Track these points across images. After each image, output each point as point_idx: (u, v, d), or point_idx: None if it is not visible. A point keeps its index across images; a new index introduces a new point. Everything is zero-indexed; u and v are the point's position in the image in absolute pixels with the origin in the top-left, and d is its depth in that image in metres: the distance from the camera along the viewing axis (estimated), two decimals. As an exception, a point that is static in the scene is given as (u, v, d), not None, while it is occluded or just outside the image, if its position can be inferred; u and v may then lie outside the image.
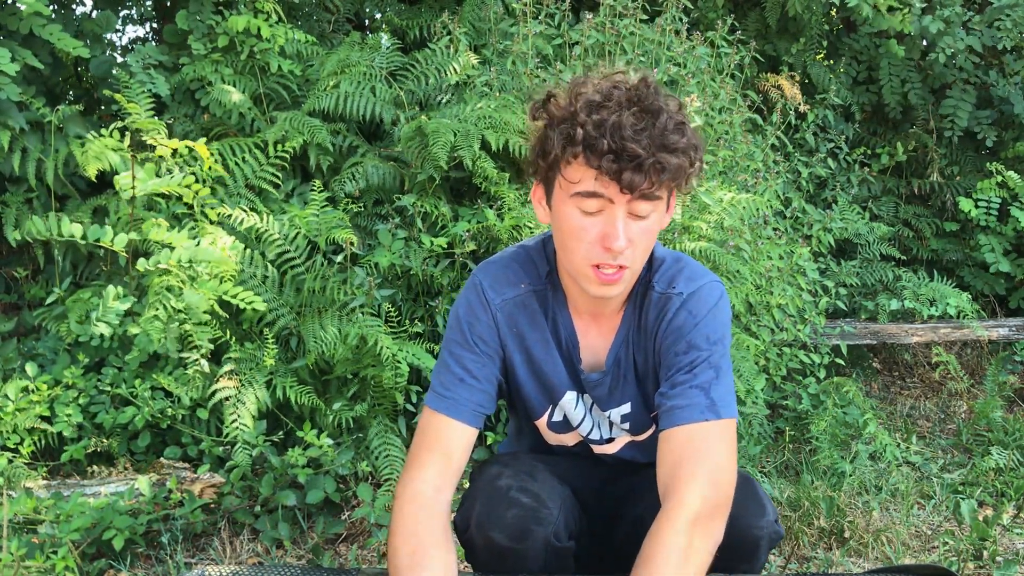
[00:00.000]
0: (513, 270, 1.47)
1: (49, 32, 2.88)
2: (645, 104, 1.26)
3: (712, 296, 1.41)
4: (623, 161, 1.22)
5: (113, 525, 2.22)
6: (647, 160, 1.22)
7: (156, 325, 2.43)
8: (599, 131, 1.23)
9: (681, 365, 1.37)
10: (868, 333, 3.73)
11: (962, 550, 2.38)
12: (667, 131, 1.25)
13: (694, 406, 1.33)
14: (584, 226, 1.29)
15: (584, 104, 1.27)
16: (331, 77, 3.14)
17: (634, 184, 1.24)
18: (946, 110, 4.20)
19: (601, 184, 1.26)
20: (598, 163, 1.23)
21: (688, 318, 1.38)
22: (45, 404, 2.54)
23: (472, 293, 1.47)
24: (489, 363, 1.45)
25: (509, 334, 1.46)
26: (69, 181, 3.01)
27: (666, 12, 3.30)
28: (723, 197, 2.80)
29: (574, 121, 1.26)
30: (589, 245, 1.30)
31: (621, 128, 1.22)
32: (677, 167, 1.25)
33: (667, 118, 1.25)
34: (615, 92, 1.27)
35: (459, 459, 1.41)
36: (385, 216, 2.98)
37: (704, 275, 1.44)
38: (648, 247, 1.33)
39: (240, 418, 2.53)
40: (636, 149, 1.22)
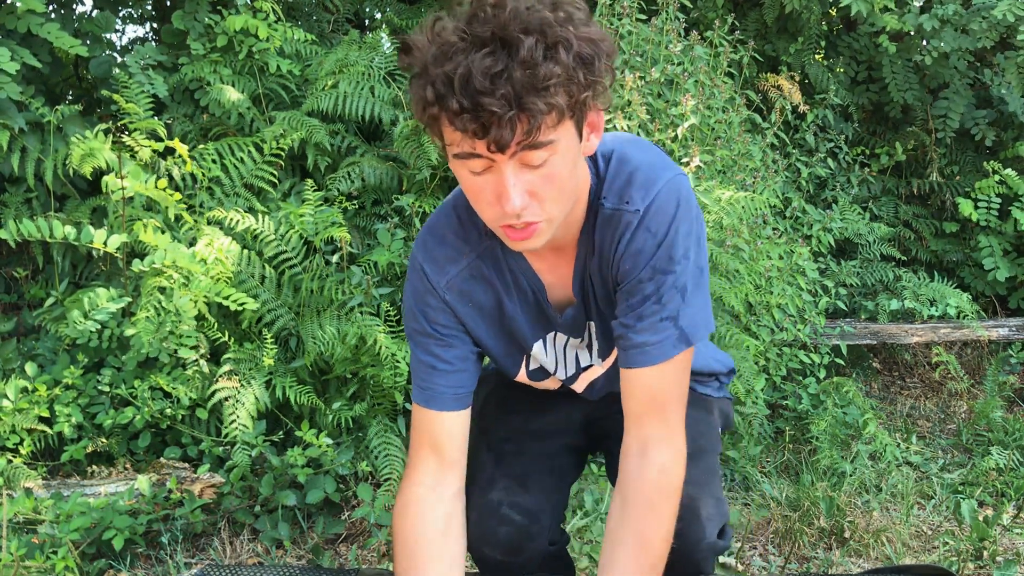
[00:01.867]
0: (450, 243, 1.32)
1: (47, 31, 2.88)
2: (504, 34, 1.02)
3: (671, 202, 1.21)
4: (482, 118, 1.02)
5: (113, 525, 2.22)
6: (507, 113, 1.01)
7: (147, 327, 2.43)
8: (448, 87, 1.02)
9: (647, 293, 1.23)
10: (868, 333, 3.73)
11: (962, 550, 2.38)
12: (535, 61, 1.01)
13: (665, 342, 1.24)
14: (478, 186, 1.12)
15: (433, 53, 1.05)
16: (329, 77, 3.13)
17: (503, 140, 1.04)
18: (939, 110, 4.20)
19: (472, 145, 1.07)
20: (458, 125, 1.04)
21: (648, 239, 1.21)
22: (45, 404, 2.54)
23: (416, 279, 1.34)
24: (456, 342, 1.36)
25: (465, 309, 1.35)
26: (68, 181, 3.01)
27: (663, 11, 3.30)
28: (721, 196, 2.79)
29: (426, 74, 1.05)
30: (489, 206, 1.13)
31: (470, 79, 1.01)
32: (553, 105, 1.03)
33: (532, 44, 1.01)
34: (471, 26, 1.04)
35: (452, 447, 1.36)
36: (384, 216, 2.98)
37: (659, 174, 1.22)
38: (562, 191, 1.13)
39: (239, 418, 2.53)
40: (490, 103, 1.00)
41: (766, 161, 3.51)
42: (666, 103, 3.15)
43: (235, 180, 2.99)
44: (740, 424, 3.00)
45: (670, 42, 3.23)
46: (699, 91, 3.13)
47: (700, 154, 2.84)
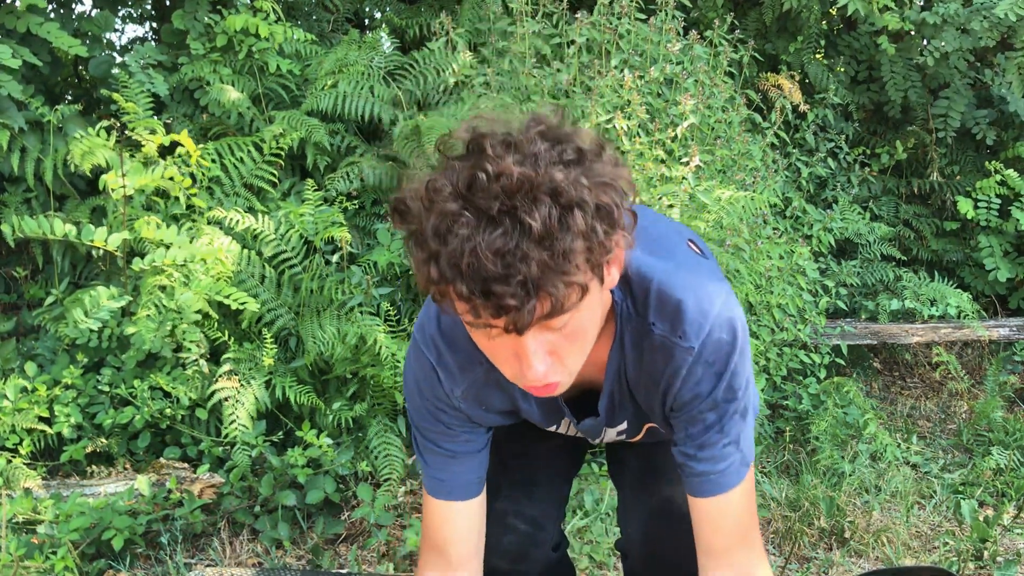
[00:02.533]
0: (462, 348, 1.20)
1: (47, 31, 2.88)
2: (512, 205, 0.90)
3: (726, 333, 1.15)
4: (496, 307, 0.92)
5: (112, 525, 2.22)
6: (526, 305, 0.91)
7: (149, 325, 2.43)
8: (455, 270, 0.91)
9: (710, 423, 1.19)
10: (868, 333, 3.72)
11: (962, 550, 2.37)
12: (550, 238, 0.89)
13: (730, 469, 1.21)
14: (494, 346, 1.03)
15: (433, 225, 0.93)
16: (328, 76, 3.13)
17: (521, 324, 0.94)
18: (939, 110, 4.20)
19: (487, 319, 0.95)
20: (471, 307, 0.93)
21: (709, 374, 1.16)
22: (44, 404, 2.53)
23: (426, 380, 1.25)
24: (468, 436, 1.30)
25: (478, 412, 1.28)
26: (68, 181, 3.01)
27: (661, 11, 3.30)
28: (721, 196, 2.79)
29: (427, 248, 0.93)
30: (507, 364, 1.04)
31: (480, 265, 0.89)
32: (575, 282, 0.93)
33: (546, 215, 0.89)
34: (474, 195, 0.92)
35: (460, 544, 1.32)
36: (384, 216, 2.97)
37: (710, 302, 1.15)
38: (584, 343, 1.05)
39: (239, 418, 2.53)
40: (505, 293, 0.90)
41: (766, 161, 3.51)
42: (665, 103, 3.15)
43: (235, 180, 2.99)
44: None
45: (669, 41, 3.23)
46: (699, 90, 3.13)
47: (700, 154, 2.83)
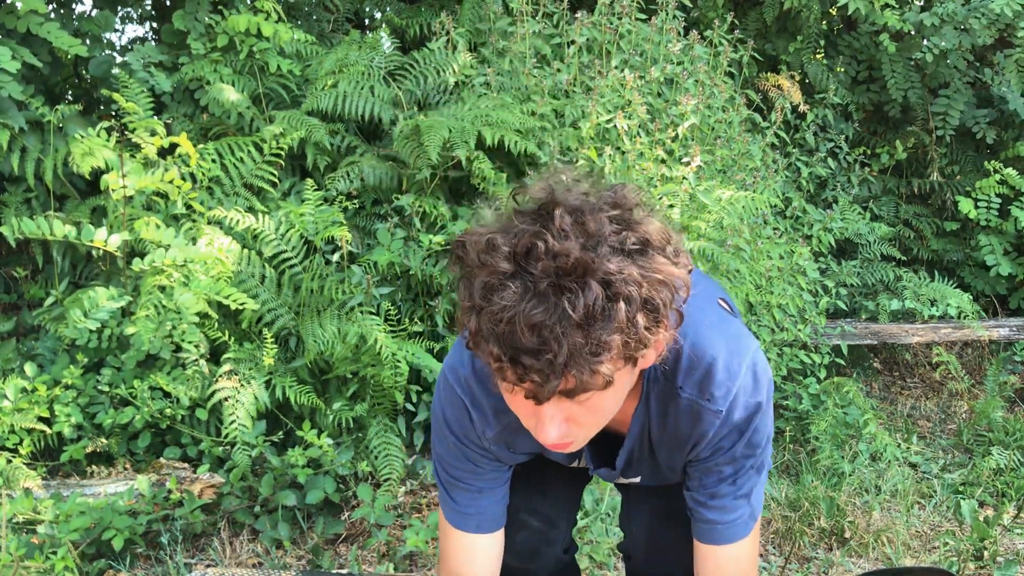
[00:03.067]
0: (498, 394, 1.13)
1: (47, 31, 2.88)
2: (560, 283, 0.89)
3: (751, 394, 1.17)
4: (520, 374, 0.92)
5: (113, 525, 2.22)
6: (550, 380, 0.91)
7: (148, 325, 2.43)
8: (491, 331, 0.91)
9: (724, 476, 1.22)
10: (868, 333, 3.72)
11: (962, 550, 2.37)
12: (588, 326, 0.89)
13: (738, 521, 1.24)
14: (515, 401, 1.03)
15: (483, 282, 0.93)
16: (329, 76, 3.13)
17: (540, 396, 0.95)
18: (939, 109, 4.20)
19: (514, 383, 0.96)
20: (499, 366, 0.94)
21: (732, 434, 1.18)
22: (44, 404, 2.53)
23: (456, 420, 1.26)
24: (496, 472, 1.33)
25: (506, 454, 1.31)
26: (68, 181, 3.01)
27: (661, 11, 3.30)
28: (721, 196, 2.79)
29: (473, 300, 0.94)
30: (526, 419, 1.06)
31: (515, 334, 0.89)
32: (599, 372, 0.92)
33: (590, 303, 0.89)
34: (528, 261, 0.91)
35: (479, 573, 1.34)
36: (384, 216, 2.97)
37: (737, 366, 1.16)
38: (606, 416, 1.06)
39: (239, 418, 2.53)
40: (532, 365, 0.90)
41: (766, 161, 3.51)
42: (666, 102, 3.15)
43: (235, 180, 2.99)
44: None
45: (670, 41, 3.23)
46: (699, 90, 3.13)
47: (700, 154, 2.83)
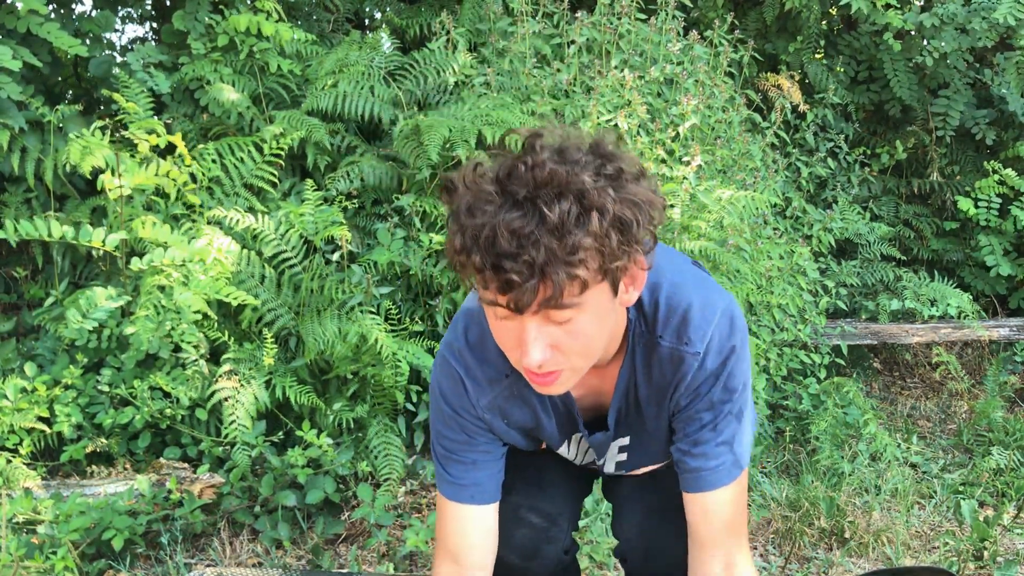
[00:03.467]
0: (492, 362, 1.28)
1: (47, 31, 2.88)
2: (537, 195, 1.00)
3: (727, 338, 1.24)
4: (501, 280, 1.00)
5: (113, 525, 2.22)
6: (527, 282, 0.99)
7: (147, 325, 2.43)
8: (474, 242, 1.01)
9: (704, 422, 1.27)
10: (868, 333, 3.72)
11: (962, 550, 2.37)
12: (565, 230, 0.98)
13: (722, 468, 1.28)
14: (502, 329, 1.11)
15: (467, 202, 1.03)
16: (329, 76, 3.13)
17: (522, 303, 1.02)
18: (939, 109, 4.20)
19: (495, 296, 1.04)
20: (480, 279, 1.03)
21: (709, 376, 1.24)
22: (44, 404, 2.53)
23: (453, 391, 1.32)
24: (489, 445, 1.36)
25: (500, 424, 1.35)
26: (68, 181, 3.01)
27: (661, 11, 3.30)
28: (721, 196, 2.79)
29: (458, 222, 1.04)
30: (511, 350, 1.12)
31: (496, 239, 0.99)
32: (577, 276, 1.00)
33: (564, 210, 0.99)
34: (509, 180, 1.02)
35: (475, 550, 1.36)
36: (384, 216, 2.97)
37: (712, 311, 1.23)
38: (588, 345, 1.11)
39: (239, 418, 2.53)
40: (512, 268, 0.99)
41: (766, 161, 3.51)
42: (665, 102, 3.15)
43: (235, 180, 2.99)
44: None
45: (669, 41, 3.23)
46: (699, 91, 3.13)
47: (700, 154, 2.84)
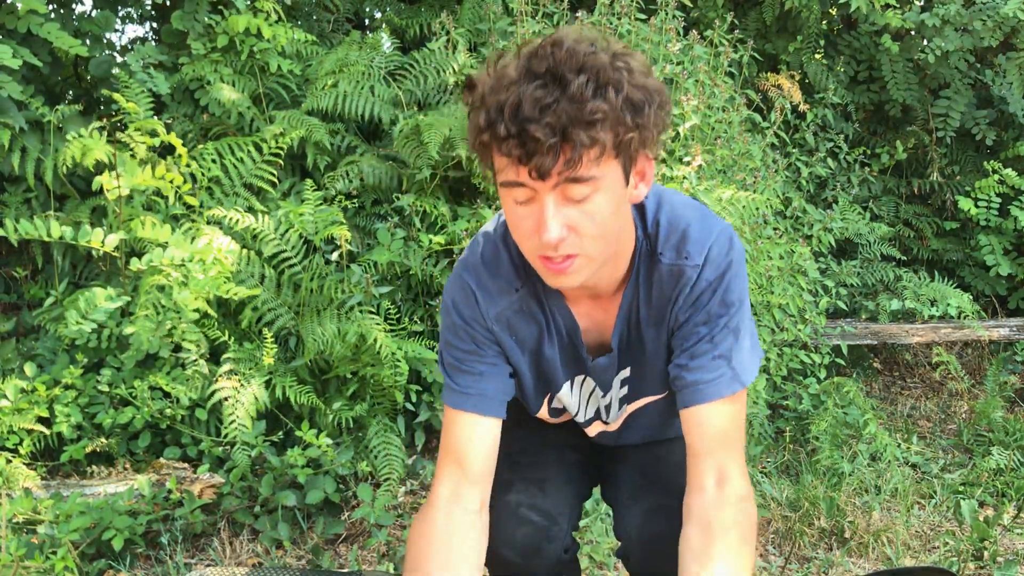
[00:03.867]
0: (503, 275, 1.34)
1: (47, 31, 2.88)
2: (558, 70, 1.07)
3: (724, 253, 1.28)
4: (526, 146, 1.06)
5: (113, 525, 2.22)
6: (550, 140, 1.05)
7: (147, 325, 2.43)
8: (499, 114, 1.08)
9: (701, 335, 1.29)
10: (869, 333, 3.72)
11: (962, 550, 2.37)
12: (583, 98, 1.05)
13: (720, 380, 1.28)
14: (520, 216, 1.16)
15: (491, 85, 1.11)
16: (328, 76, 3.13)
17: (544, 169, 1.07)
18: (940, 109, 4.20)
19: (516, 172, 1.10)
20: (504, 150, 1.09)
21: (706, 288, 1.27)
22: (44, 404, 2.53)
23: (465, 303, 1.36)
24: (496, 359, 1.38)
25: (508, 340, 1.38)
26: (68, 181, 3.01)
27: (661, 11, 3.30)
28: (722, 196, 2.79)
29: (482, 104, 1.11)
30: (528, 237, 1.16)
31: (520, 107, 1.06)
32: (595, 140, 1.07)
33: (585, 80, 1.06)
34: (530, 62, 1.09)
35: (478, 462, 1.35)
36: (384, 216, 2.97)
37: (711, 228, 1.29)
38: (602, 230, 1.16)
39: (239, 418, 2.53)
40: (535, 131, 1.05)
41: (766, 161, 3.50)
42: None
43: (235, 180, 2.99)
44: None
45: (669, 41, 3.23)
46: (699, 91, 3.13)
47: (700, 154, 2.83)
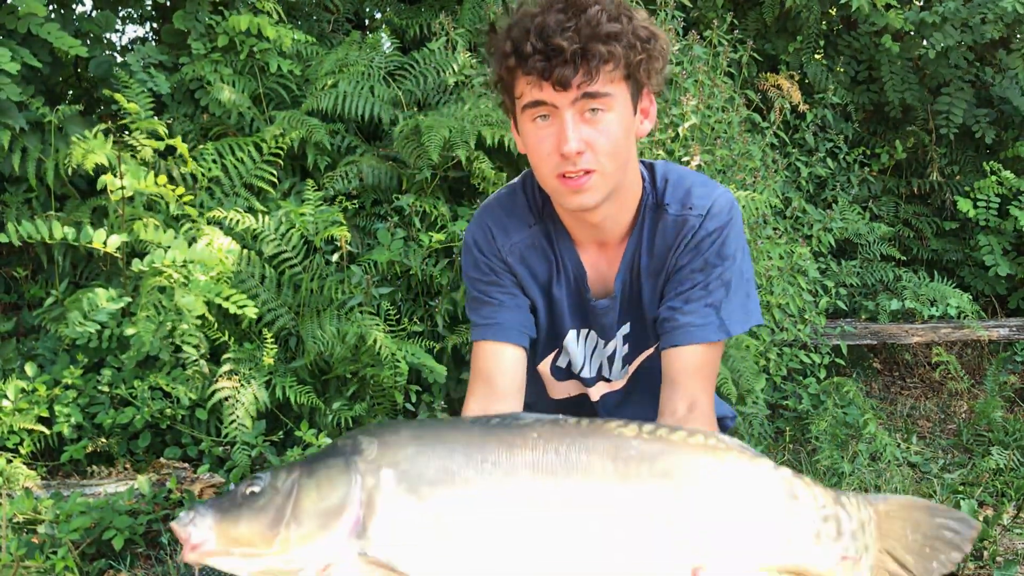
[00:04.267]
0: (518, 214, 1.47)
1: (47, 31, 2.88)
2: (577, 1, 1.24)
3: (726, 208, 1.39)
4: (550, 57, 1.21)
5: (113, 525, 2.22)
6: (572, 49, 1.20)
7: (148, 326, 2.43)
8: (524, 35, 1.23)
9: (697, 281, 1.38)
10: (868, 333, 3.73)
11: (962, 550, 2.37)
12: (599, 21, 1.22)
13: (708, 325, 1.37)
14: (540, 138, 1.28)
15: (516, 19, 1.26)
16: (328, 76, 3.13)
17: (565, 79, 1.21)
18: (941, 107, 4.19)
19: (539, 89, 1.25)
20: (529, 67, 1.23)
21: (705, 236, 1.38)
22: (44, 404, 2.53)
23: (482, 237, 1.46)
24: (516, 290, 1.47)
25: (523, 270, 1.47)
26: (69, 181, 3.00)
27: (661, 11, 3.30)
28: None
29: (508, 33, 1.26)
30: (548, 156, 1.28)
31: (545, 27, 1.22)
32: (611, 54, 1.22)
33: (599, 10, 1.23)
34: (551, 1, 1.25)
35: (505, 381, 1.43)
36: (384, 216, 2.97)
37: (713, 187, 1.42)
38: (615, 149, 1.29)
39: (239, 418, 2.53)
40: (559, 42, 1.20)
41: (766, 161, 3.50)
42: (665, 102, 3.15)
43: (235, 180, 2.99)
44: (740, 424, 2.99)
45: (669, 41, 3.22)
46: (699, 91, 3.13)
47: (700, 154, 2.84)
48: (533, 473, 1.05)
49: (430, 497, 1.04)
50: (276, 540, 1.02)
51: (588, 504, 1.04)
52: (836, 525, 1.13)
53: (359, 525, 1.03)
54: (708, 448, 1.10)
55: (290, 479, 1.06)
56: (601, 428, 1.10)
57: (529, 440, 1.07)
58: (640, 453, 1.07)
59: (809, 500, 1.12)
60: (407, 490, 1.04)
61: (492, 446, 1.07)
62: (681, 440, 1.10)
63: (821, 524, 1.12)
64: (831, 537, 1.12)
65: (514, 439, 1.07)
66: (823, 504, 1.13)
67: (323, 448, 1.16)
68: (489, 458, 1.06)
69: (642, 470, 1.06)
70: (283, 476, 1.07)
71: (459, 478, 1.04)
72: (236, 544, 1.03)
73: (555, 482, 1.05)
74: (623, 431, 1.09)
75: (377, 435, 1.09)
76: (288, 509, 1.04)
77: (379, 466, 1.05)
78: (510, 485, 1.04)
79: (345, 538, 1.03)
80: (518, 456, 1.06)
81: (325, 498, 1.04)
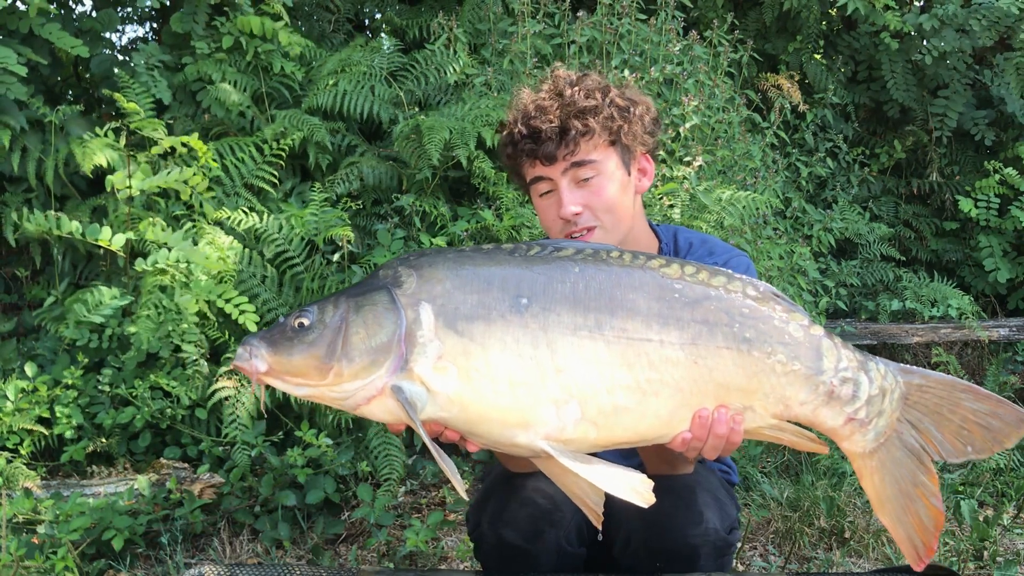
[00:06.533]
0: None
1: (48, 31, 2.88)
2: (558, 89, 1.44)
3: (744, 268, 1.50)
4: (535, 139, 1.42)
5: (113, 525, 2.22)
6: (551, 129, 1.40)
7: (148, 325, 2.43)
8: (515, 125, 1.46)
9: None
10: (869, 333, 3.72)
11: (962, 550, 2.37)
12: (574, 101, 1.41)
13: None
14: (545, 208, 1.48)
15: (511, 116, 1.49)
16: (330, 76, 3.13)
17: (549, 153, 1.42)
18: (938, 110, 4.19)
19: (534, 167, 1.45)
20: (521, 150, 1.44)
21: None
22: (45, 404, 2.53)
23: None
24: None
25: None
26: (69, 181, 3.00)
27: (661, 11, 3.30)
28: (722, 196, 2.80)
29: (507, 129, 1.49)
30: (554, 221, 1.47)
31: (528, 115, 1.44)
32: (587, 127, 1.40)
33: (576, 90, 1.43)
34: (537, 87, 1.48)
35: None
36: (384, 216, 2.98)
37: (731, 248, 1.57)
38: (611, 206, 1.44)
39: (239, 418, 2.53)
40: (538, 124, 1.41)
41: (766, 161, 3.51)
42: (665, 102, 3.15)
43: (236, 180, 2.99)
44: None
45: (669, 42, 3.23)
46: (699, 91, 3.13)
47: (701, 154, 2.84)
48: (572, 308, 1.11)
49: (466, 332, 1.11)
50: (330, 373, 1.13)
51: (627, 343, 1.12)
52: (853, 388, 1.19)
53: (402, 359, 1.13)
54: (745, 296, 1.17)
55: (337, 314, 1.15)
56: (644, 265, 1.17)
57: (570, 274, 1.13)
58: (682, 296, 1.15)
59: (833, 361, 1.18)
60: (445, 324, 1.12)
61: (529, 280, 1.13)
62: (721, 286, 1.17)
63: (839, 385, 1.18)
64: (844, 399, 1.18)
65: (553, 272, 1.13)
66: (845, 367, 1.19)
67: (365, 278, 1.24)
68: (525, 292, 1.12)
69: (684, 315, 1.14)
70: (330, 310, 1.16)
71: (495, 313, 1.11)
72: (290, 374, 1.15)
73: (595, 319, 1.11)
74: (666, 271, 1.17)
75: (416, 267, 1.17)
76: (339, 345, 1.14)
77: (419, 299, 1.14)
78: (547, 321, 1.11)
79: (390, 374, 1.13)
80: (557, 290, 1.12)
81: (373, 335, 1.13)
